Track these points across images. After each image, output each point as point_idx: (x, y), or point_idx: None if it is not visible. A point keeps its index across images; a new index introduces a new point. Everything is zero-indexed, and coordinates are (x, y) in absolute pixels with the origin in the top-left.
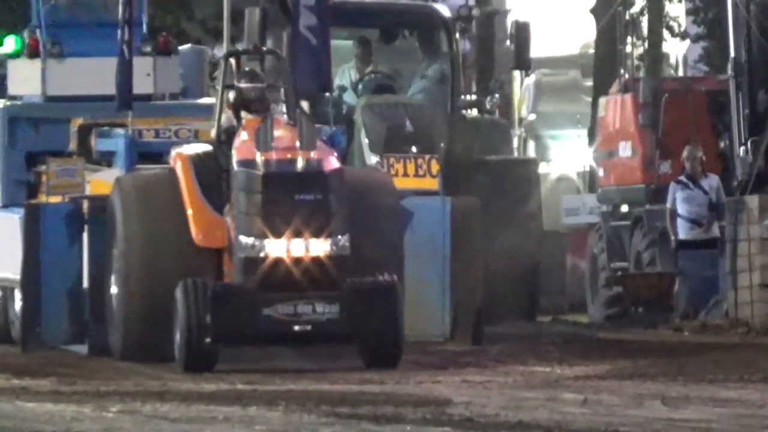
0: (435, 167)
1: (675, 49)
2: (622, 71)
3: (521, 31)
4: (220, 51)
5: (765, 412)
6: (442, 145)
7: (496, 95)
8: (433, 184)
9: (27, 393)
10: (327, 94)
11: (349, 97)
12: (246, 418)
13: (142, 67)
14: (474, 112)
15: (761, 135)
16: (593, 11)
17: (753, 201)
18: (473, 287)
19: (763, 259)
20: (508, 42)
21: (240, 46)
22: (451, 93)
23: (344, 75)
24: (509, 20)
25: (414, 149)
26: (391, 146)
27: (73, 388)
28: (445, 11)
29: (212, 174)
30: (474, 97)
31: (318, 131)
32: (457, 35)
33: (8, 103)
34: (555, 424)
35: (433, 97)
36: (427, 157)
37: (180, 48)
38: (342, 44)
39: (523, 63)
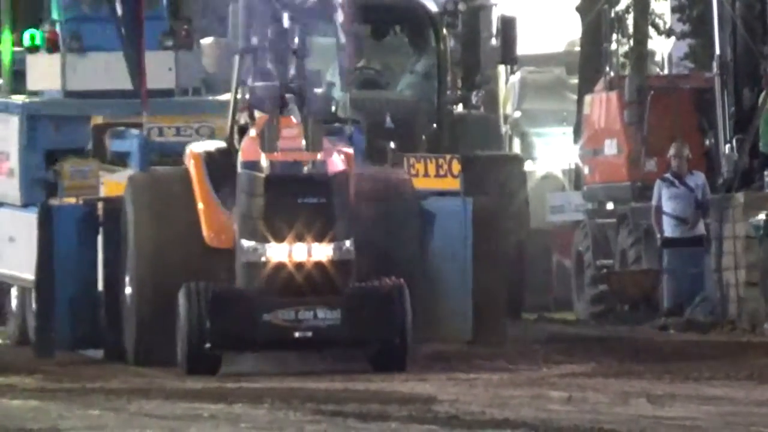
0: (456, 167)
1: (660, 46)
2: (607, 69)
3: (507, 26)
4: None
5: (750, 409)
6: (423, 137)
7: (482, 92)
8: (454, 184)
9: (13, 391)
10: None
11: (337, 94)
12: (231, 415)
13: (163, 62)
14: (461, 108)
15: (746, 132)
16: (579, 9)
17: (738, 198)
18: (495, 288)
19: (749, 257)
20: (494, 41)
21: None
22: (438, 88)
23: (335, 70)
24: (495, 15)
25: (392, 145)
26: (369, 142)
27: (60, 386)
28: (431, 6)
29: (226, 172)
30: (460, 92)
31: (338, 131)
32: (444, 30)
33: (27, 100)
34: (540, 422)
35: (420, 92)
36: (448, 156)
37: (202, 41)
38: (330, 41)
39: (510, 58)
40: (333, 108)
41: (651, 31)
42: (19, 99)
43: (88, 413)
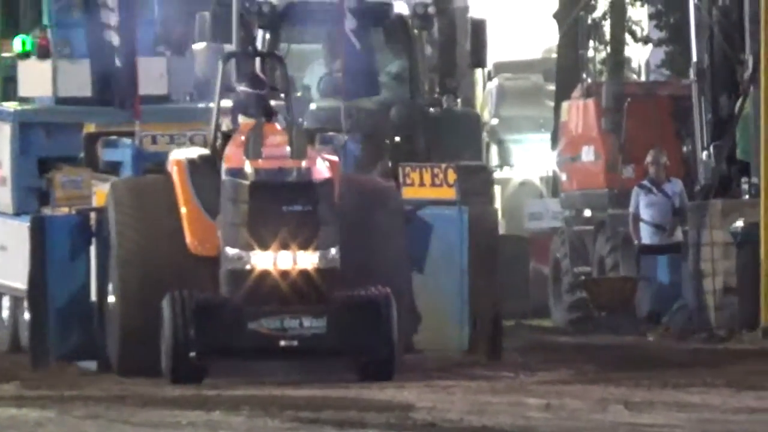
0: (452, 176)
1: (637, 53)
2: (584, 76)
3: (477, 29)
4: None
5: (728, 416)
6: (387, 141)
7: (453, 95)
8: (450, 193)
9: None
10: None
11: (317, 99)
12: (210, 422)
13: (155, 68)
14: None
15: (724, 139)
16: (556, 16)
17: (716, 206)
18: (491, 299)
19: (726, 264)
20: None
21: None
22: (410, 90)
23: (312, 75)
24: (468, 17)
25: None
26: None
27: (37, 393)
28: (403, 9)
29: (209, 180)
30: (436, 96)
31: (331, 139)
32: (416, 32)
33: (19, 107)
34: (519, 429)
35: (392, 95)
36: (443, 166)
37: (194, 47)
38: (306, 47)
39: (479, 61)
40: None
41: (628, 38)
42: (11, 106)
43: (66, 420)
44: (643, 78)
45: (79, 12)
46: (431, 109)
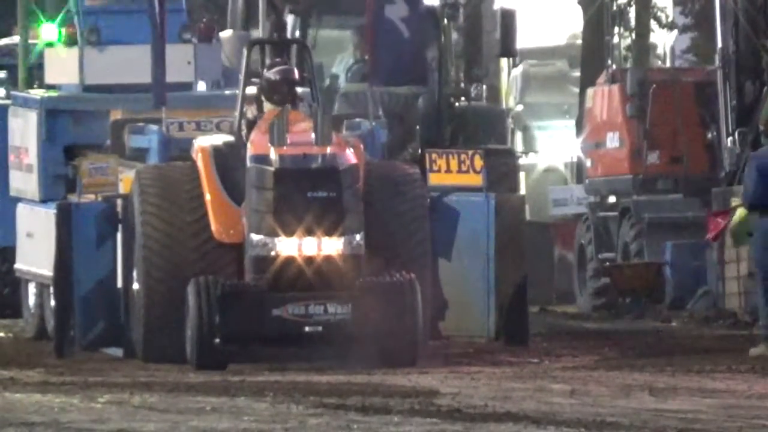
0: (479, 163)
1: (662, 39)
2: (609, 62)
3: (507, 19)
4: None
5: (752, 402)
6: (417, 128)
7: (481, 85)
8: (476, 180)
9: (15, 384)
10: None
11: (345, 86)
12: (234, 408)
13: (183, 55)
14: (464, 100)
15: (748, 126)
16: (581, 2)
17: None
18: (518, 286)
19: (750, 250)
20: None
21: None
22: (439, 80)
23: (341, 64)
24: (497, 8)
25: None
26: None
27: (62, 379)
28: None
29: (234, 167)
30: (462, 85)
31: (357, 126)
32: (445, 22)
33: (46, 94)
34: (543, 414)
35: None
36: (470, 152)
37: (221, 34)
38: (336, 34)
39: (509, 51)
40: (336, 101)
41: (653, 24)
42: (37, 93)
43: (91, 406)
44: (668, 64)
45: None
46: (456, 103)
